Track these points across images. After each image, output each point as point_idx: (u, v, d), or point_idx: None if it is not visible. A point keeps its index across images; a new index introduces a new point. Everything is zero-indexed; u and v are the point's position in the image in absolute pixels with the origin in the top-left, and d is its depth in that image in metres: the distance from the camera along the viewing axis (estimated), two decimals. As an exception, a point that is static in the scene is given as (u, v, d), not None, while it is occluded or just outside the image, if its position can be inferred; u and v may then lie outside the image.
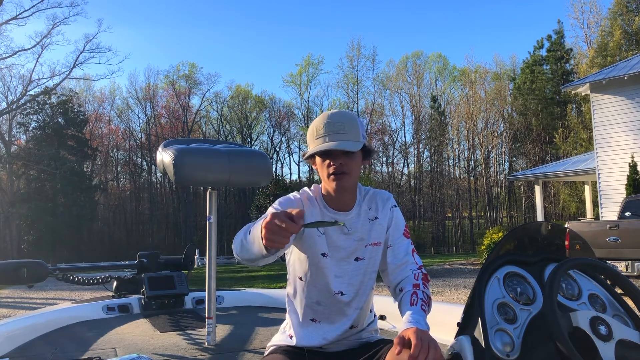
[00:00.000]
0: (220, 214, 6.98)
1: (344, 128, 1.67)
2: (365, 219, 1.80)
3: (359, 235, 1.79)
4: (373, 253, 1.80)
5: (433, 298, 1.77)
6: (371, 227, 1.80)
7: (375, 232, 1.80)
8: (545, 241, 1.79)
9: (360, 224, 1.79)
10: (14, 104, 40.14)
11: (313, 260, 1.78)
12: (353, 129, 1.68)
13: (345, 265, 1.77)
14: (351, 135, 1.67)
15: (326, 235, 1.77)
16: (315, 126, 1.71)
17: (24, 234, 39.54)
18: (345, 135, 1.67)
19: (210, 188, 3.05)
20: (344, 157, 1.68)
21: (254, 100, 52.77)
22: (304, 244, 1.78)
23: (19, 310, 10.90)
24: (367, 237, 1.79)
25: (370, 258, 1.79)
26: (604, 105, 16.59)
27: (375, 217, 1.81)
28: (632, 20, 32.94)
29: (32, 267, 3.39)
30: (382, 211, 1.82)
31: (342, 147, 1.65)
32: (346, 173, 1.69)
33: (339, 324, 1.80)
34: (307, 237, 1.77)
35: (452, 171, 49.39)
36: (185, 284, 3.88)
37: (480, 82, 45.85)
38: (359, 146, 1.68)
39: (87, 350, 2.78)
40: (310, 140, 1.74)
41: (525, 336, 1.50)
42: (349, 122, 1.69)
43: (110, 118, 52.06)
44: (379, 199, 1.84)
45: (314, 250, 1.77)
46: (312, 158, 1.77)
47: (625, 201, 11.56)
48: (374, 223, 1.80)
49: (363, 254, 1.78)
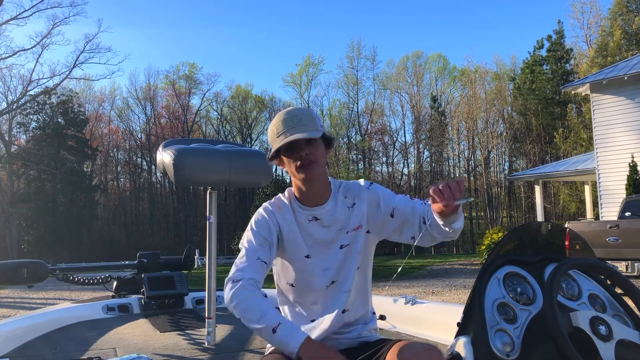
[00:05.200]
0: (220, 214, 6.96)
1: (301, 120, 1.75)
2: (344, 208, 1.84)
3: (339, 225, 1.83)
4: (355, 237, 1.83)
5: (433, 298, 1.77)
6: (350, 214, 1.83)
7: (355, 217, 1.83)
8: (545, 241, 1.79)
9: (338, 214, 1.83)
10: (14, 104, 40.12)
11: (298, 266, 1.82)
12: (310, 121, 1.76)
13: (332, 257, 1.81)
14: (310, 126, 1.74)
15: (305, 235, 1.81)
16: (274, 126, 1.78)
17: (24, 234, 39.54)
18: (304, 127, 1.74)
19: (210, 188, 3.05)
20: (308, 147, 1.74)
21: (254, 100, 52.73)
22: (286, 251, 1.82)
23: (19, 310, 10.90)
24: (347, 224, 1.83)
25: (353, 243, 1.82)
26: (604, 105, 16.59)
27: (353, 204, 1.84)
28: (632, 20, 32.93)
29: (32, 267, 3.39)
30: (359, 196, 1.85)
31: (305, 135, 1.71)
32: (313, 162, 1.75)
33: (331, 310, 1.81)
34: (288, 243, 1.81)
35: (452, 171, 49.36)
36: (185, 284, 3.88)
37: (480, 82, 45.84)
38: (319, 133, 1.75)
39: (87, 350, 2.78)
40: (272, 141, 1.80)
41: (525, 336, 1.50)
42: (305, 115, 1.78)
43: (110, 118, 52.05)
44: (353, 186, 1.89)
45: (297, 255, 1.81)
46: (278, 158, 1.82)
47: (625, 201, 11.56)
48: (353, 209, 1.84)
49: (346, 240, 1.82)
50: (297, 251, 1.81)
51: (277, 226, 1.82)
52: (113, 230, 49.81)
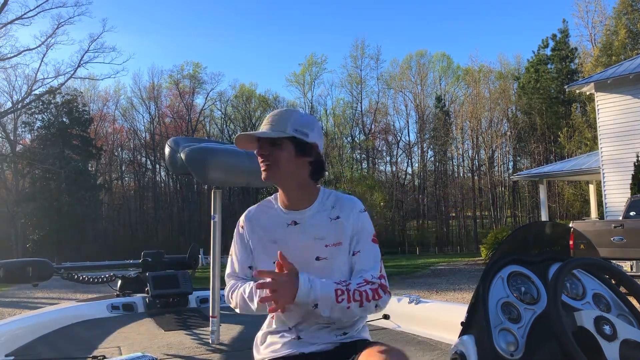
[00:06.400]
0: (224, 213, 7.01)
1: (271, 121, 1.71)
2: (326, 218, 1.73)
3: (317, 233, 1.72)
4: (334, 253, 1.71)
5: (437, 297, 1.77)
6: (332, 227, 1.72)
7: (337, 232, 1.72)
8: (550, 241, 1.78)
9: (317, 222, 1.73)
10: (19, 104, 40.26)
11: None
12: (281, 122, 1.70)
13: (306, 267, 1.66)
14: (277, 126, 1.69)
15: (279, 242, 1.73)
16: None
17: (29, 233, 39.68)
18: (270, 127, 1.70)
19: (214, 187, 3.05)
20: (270, 147, 1.69)
21: (257, 99, 52.76)
22: (258, 257, 1.79)
23: (24, 310, 10.94)
24: (326, 236, 1.71)
25: (332, 258, 1.71)
26: (608, 104, 16.53)
27: (337, 217, 1.73)
28: (637, 19, 32.81)
29: (37, 266, 3.41)
30: (347, 213, 1.74)
31: (254, 134, 1.69)
32: (270, 163, 1.69)
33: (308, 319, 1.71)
34: (259, 248, 1.78)
35: (456, 170, 49.33)
36: (190, 283, 3.90)
37: (484, 82, 45.75)
38: (273, 135, 1.68)
39: (92, 349, 2.80)
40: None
41: (529, 336, 1.50)
42: (280, 116, 1.72)
43: (114, 117, 52.16)
44: (345, 200, 1.78)
45: (267, 261, 1.73)
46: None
47: (630, 201, 11.52)
48: (336, 222, 1.73)
49: (324, 253, 1.71)
50: (268, 258, 1.73)
51: (247, 236, 1.83)
52: (117, 229, 49.93)
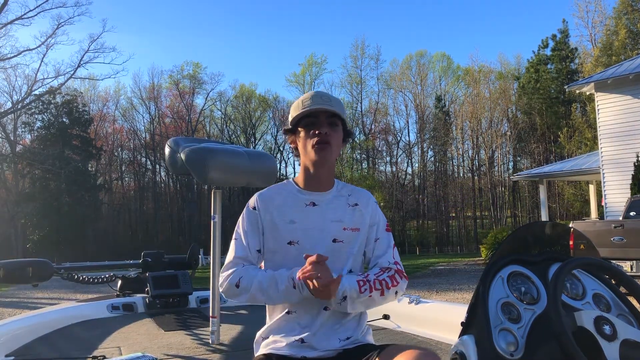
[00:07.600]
0: (224, 213, 7.02)
1: (330, 100, 1.73)
2: (345, 203, 1.78)
3: (336, 216, 1.75)
4: (351, 238, 1.74)
5: (437, 297, 1.77)
6: (351, 212, 1.77)
7: (356, 218, 1.77)
8: (550, 241, 1.78)
9: (337, 205, 1.77)
10: (19, 104, 40.27)
11: (281, 253, 1.72)
12: (338, 104, 1.75)
13: (322, 246, 1.68)
14: (339, 107, 1.74)
15: (297, 222, 1.72)
16: (301, 99, 1.75)
17: (29, 233, 39.70)
18: (332, 106, 1.71)
19: (214, 187, 3.06)
20: (329, 128, 1.71)
21: (257, 99, 52.77)
22: (270, 237, 1.74)
23: (24, 310, 10.94)
24: (346, 220, 1.75)
25: (348, 242, 1.74)
26: (608, 104, 16.54)
27: (356, 204, 1.79)
28: (637, 19, 32.81)
29: (37, 266, 3.41)
30: (365, 202, 1.81)
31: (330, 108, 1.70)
32: (329, 143, 1.69)
33: (310, 307, 1.68)
34: (272, 228, 1.74)
35: (456, 171, 49.33)
36: (190, 283, 3.90)
37: (484, 82, 45.77)
38: (344, 115, 1.75)
39: (92, 349, 2.80)
40: (294, 112, 1.75)
41: (529, 336, 1.50)
42: (335, 99, 1.76)
43: (114, 118, 52.23)
44: (360, 191, 1.85)
45: (280, 241, 1.72)
46: (293, 134, 1.77)
47: (630, 201, 11.52)
48: (355, 209, 1.78)
49: (341, 236, 1.73)
50: (281, 236, 1.72)
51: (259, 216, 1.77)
52: (117, 229, 49.96)
